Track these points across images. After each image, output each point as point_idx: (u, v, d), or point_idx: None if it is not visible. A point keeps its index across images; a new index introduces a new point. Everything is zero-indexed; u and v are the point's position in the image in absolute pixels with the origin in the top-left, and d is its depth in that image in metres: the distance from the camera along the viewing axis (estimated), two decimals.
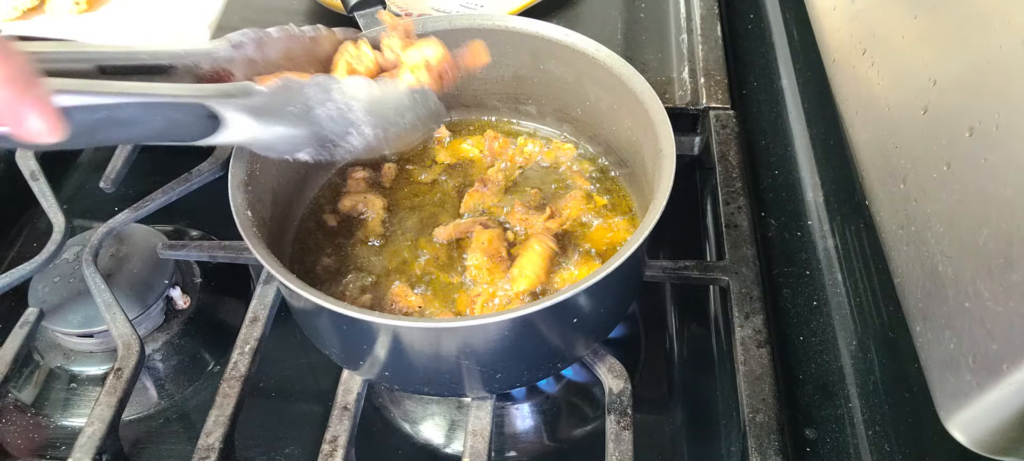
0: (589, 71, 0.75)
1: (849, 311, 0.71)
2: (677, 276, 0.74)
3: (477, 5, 1.04)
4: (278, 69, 0.55)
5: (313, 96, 0.48)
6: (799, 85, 0.92)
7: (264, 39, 0.53)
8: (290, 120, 0.48)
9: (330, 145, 0.50)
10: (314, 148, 0.49)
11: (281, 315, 0.75)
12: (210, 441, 0.64)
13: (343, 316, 0.56)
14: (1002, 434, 0.43)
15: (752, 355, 0.66)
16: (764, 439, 0.62)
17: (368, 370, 0.64)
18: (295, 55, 0.55)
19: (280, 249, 0.72)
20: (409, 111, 0.52)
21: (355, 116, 0.49)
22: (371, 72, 0.55)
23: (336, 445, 0.63)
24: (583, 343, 0.65)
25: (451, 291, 0.69)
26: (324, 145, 0.50)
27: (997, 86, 0.44)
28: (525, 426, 0.74)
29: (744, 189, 0.80)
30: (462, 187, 0.78)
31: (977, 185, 0.45)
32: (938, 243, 0.48)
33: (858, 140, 0.64)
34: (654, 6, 1.06)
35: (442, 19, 0.78)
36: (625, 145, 0.76)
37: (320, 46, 0.56)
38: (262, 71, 0.54)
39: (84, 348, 0.79)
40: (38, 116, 0.41)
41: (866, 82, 0.63)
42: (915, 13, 0.56)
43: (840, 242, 0.76)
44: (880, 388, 0.65)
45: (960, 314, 0.45)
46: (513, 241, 0.72)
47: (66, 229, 0.80)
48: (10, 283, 0.76)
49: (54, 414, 0.77)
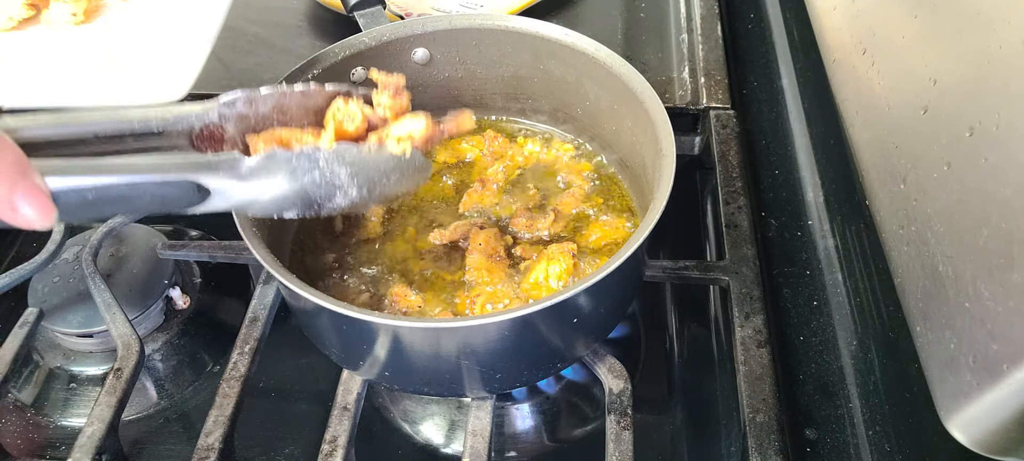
0: (589, 71, 0.75)
1: (849, 311, 0.71)
2: (677, 276, 0.74)
3: (477, 5, 1.04)
4: (270, 123, 0.57)
5: (300, 166, 0.50)
6: (799, 85, 0.92)
7: (255, 97, 0.56)
8: (277, 187, 0.50)
9: (317, 205, 0.53)
10: (301, 208, 0.52)
11: (281, 315, 0.75)
12: (210, 441, 0.64)
13: (343, 316, 0.56)
14: (1002, 434, 0.42)
15: (752, 355, 0.66)
16: (764, 439, 0.61)
17: (368, 370, 0.64)
18: (286, 108, 0.57)
19: (280, 249, 0.72)
20: (394, 173, 0.56)
21: (341, 181, 0.52)
22: (360, 129, 0.57)
23: (336, 445, 0.63)
24: (583, 343, 0.65)
25: (452, 291, 0.69)
26: (310, 206, 0.53)
27: (997, 86, 0.44)
28: (525, 426, 0.74)
29: (744, 189, 0.80)
30: (461, 187, 0.78)
31: (977, 185, 0.45)
32: (938, 243, 0.48)
33: (858, 140, 0.64)
34: (654, 6, 1.06)
35: (442, 19, 0.78)
36: (625, 145, 0.76)
37: (311, 100, 0.58)
38: (254, 126, 0.57)
39: (84, 348, 0.79)
40: (31, 205, 0.42)
41: (866, 82, 0.63)
42: (915, 13, 0.56)
43: (840, 242, 0.76)
44: (880, 388, 0.65)
45: (960, 314, 0.45)
46: (513, 243, 0.72)
47: (66, 229, 0.80)
48: (10, 283, 0.77)
49: (54, 414, 0.77)
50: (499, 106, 0.84)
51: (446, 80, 0.82)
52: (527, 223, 0.73)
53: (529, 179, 0.78)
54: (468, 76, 0.82)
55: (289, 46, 1.02)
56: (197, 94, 0.93)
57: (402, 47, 0.78)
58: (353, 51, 0.76)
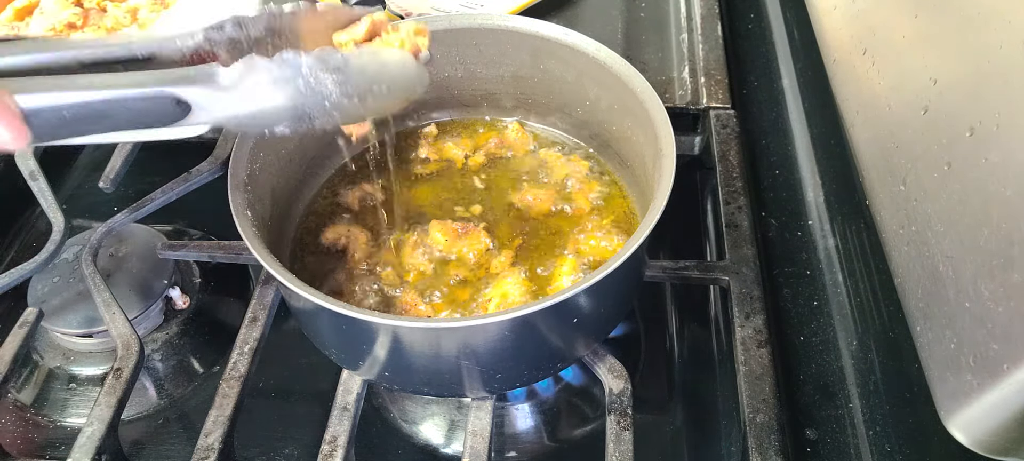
0: (589, 70, 0.75)
1: (849, 311, 0.71)
2: (677, 276, 0.74)
3: (477, 5, 1.04)
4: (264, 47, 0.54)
5: (281, 74, 0.48)
6: (799, 85, 0.92)
7: (244, 20, 0.53)
8: (259, 98, 0.48)
9: (307, 118, 0.49)
10: (291, 122, 0.49)
11: (281, 315, 0.75)
12: (210, 441, 0.64)
13: (343, 316, 0.56)
14: (1002, 434, 0.42)
15: (752, 355, 0.66)
16: (764, 439, 0.61)
17: (368, 370, 0.64)
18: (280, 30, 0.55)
19: (280, 249, 0.72)
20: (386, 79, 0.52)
21: (327, 89, 0.49)
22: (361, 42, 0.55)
23: (336, 445, 0.63)
24: (583, 343, 0.65)
25: (457, 291, 0.69)
26: (301, 119, 0.49)
27: (997, 86, 0.44)
28: (525, 426, 0.74)
29: (744, 189, 0.80)
30: (460, 185, 0.78)
31: (977, 185, 0.45)
32: (938, 243, 0.48)
33: (858, 140, 0.64)
34: (654, 6, 1.06)
35: (442, 19, 0.78)
36: (625, 145, 0.76)
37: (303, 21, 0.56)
38: (246, 49, 0.54)
39: (83, 348, 0.79)
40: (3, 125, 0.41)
41: (867, 82, 0.63)
42: (915, 13, 0.56)
43: (840, 242, 0.76)
44: (880, 388, 0.65)
45: (960, 314, 0.45)
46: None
47: (65, 229, 0.80)
48: (9, 283, 0.76)
49: (53, 414, 0.77)
50: (499, 106, 0.84)
51: (446, 80, 0.82)
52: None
53: (527, 178, 0.78)
54: (468, 76, 0.82)
55: None
56: None
57: None
58: None
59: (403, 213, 0.76)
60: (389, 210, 0.76)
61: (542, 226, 0.74)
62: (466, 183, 0.79)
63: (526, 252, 0.72)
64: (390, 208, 0.77)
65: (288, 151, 0.74)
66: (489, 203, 0.77)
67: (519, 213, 0.75)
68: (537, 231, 0.74)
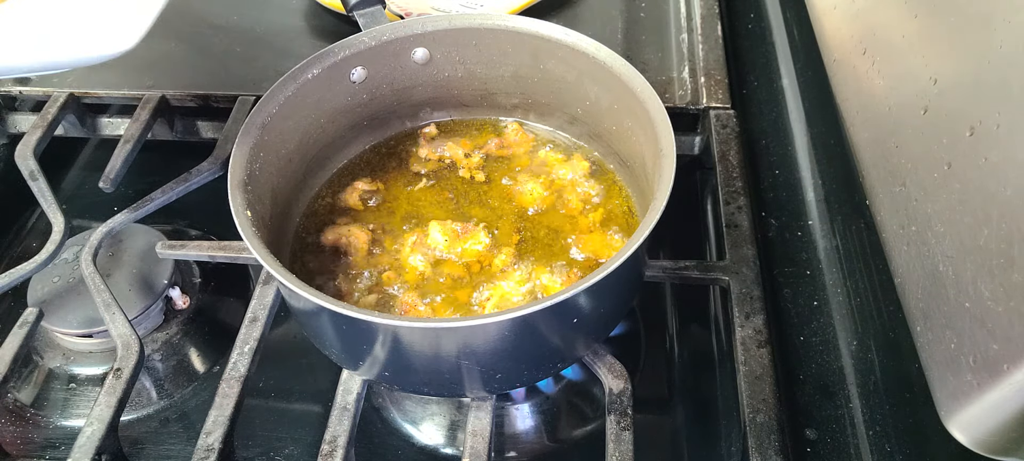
0: (589, 70, 0.75)
1: (849, 311, 0.71)
2: (677, 276, 0.74)
3: (477, 5, 1.04)
4: None
5: None
6: (799, 85, 0.92)
7: None
8: None
9: None
10: None
11: (281, 315, 0.75)
12: (209, 441, 0.64)
13: (343, 316, 0.56)
14: (1002, 434, 0.42)
15: (752, 355, 0.66)
16: (764, 439, 0.61)
17: (368, 370, 0.64)
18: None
19: (280, 249, 0.72)
20: None
21: None
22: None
23: (336, 445, 0.63)
24: (583, 343, 0.65)
25: (458, 290, 0.69)
26: None
27: (997, 86, 0.44)
28: (525, 426, 0.74)
29: (744, 189, 0.80)
30: (460, 185, 0.78)
31: (978, 185, 0.45)
32: (938, 243, 0.48)
33: (858, 140, 0.64)
34: (654, 6, 1.06)
35: (442, 19, 0.78)
36: (625, 145, 0.76)
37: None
38: None
39: (83, 348, 0.79)
40: None
41: (866, 82, 0.63)
42: (915, 13, 0.56)
43: (840, 242, 0.76)
44: (880, 388, 0.65)
45: (960, 314, 0.45)
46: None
47: (65, 229, 0.80)
48: (9, 283, 0.76)
49: (53, 414, 0.77)
50: (499, 106, 0.84)
51: (446, 80, 0.82)
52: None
53: (526, 178, 0.78)
54: (468, 76, 0.82)
55: (289, 46, 1.02)
56: (200, 94, 0.94)
57: (402, 47, 0.78)
58: (353, 51, 0.76)
59: (403, 213, 0.76)
60: (389, 210, 0.77)
61: (542, 226, 0.74)
62: (466, 183, 0.79)
63: (526, 252, 0.72)
64: (390, 208, 0.77)
65: (288, 151, 0.74)
66: (489, 203, 0.77)
67: (519, 213, 0.75)
68: (537, 231, 0.74)
